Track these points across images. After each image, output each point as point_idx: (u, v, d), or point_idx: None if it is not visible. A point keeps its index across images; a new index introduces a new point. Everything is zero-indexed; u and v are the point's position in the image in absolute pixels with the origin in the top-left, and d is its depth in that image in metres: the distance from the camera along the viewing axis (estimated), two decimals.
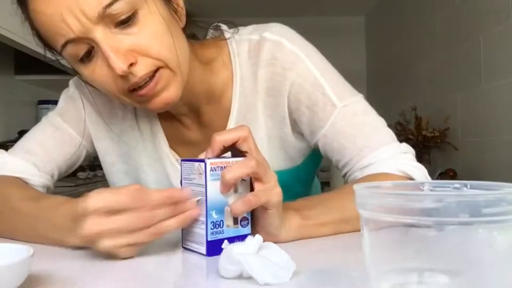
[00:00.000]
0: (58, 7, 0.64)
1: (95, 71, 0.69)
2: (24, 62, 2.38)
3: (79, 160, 0.92)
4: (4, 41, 1.83)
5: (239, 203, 0.57)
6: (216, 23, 0.86)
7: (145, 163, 0.89)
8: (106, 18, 0.65)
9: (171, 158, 0.86)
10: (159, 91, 0.69)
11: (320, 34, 4.10)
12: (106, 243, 0.55)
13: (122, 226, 0.55)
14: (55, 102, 2.88)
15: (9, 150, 0.86)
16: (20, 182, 0.80)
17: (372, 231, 0.42)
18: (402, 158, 0.77)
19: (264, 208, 0.60)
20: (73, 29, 0.65)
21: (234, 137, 0.61)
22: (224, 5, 4.10)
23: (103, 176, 0.95)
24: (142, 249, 0.58)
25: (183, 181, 0.62)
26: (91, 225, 0.55)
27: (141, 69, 0.67)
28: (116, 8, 0.64)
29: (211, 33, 0.86)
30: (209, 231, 0.58)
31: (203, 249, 0.59)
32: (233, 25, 0.86)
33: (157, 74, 0.68)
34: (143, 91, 0.69)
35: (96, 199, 0.55)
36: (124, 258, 0.57)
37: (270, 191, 0.59)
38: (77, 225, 0.56)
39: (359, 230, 0.43)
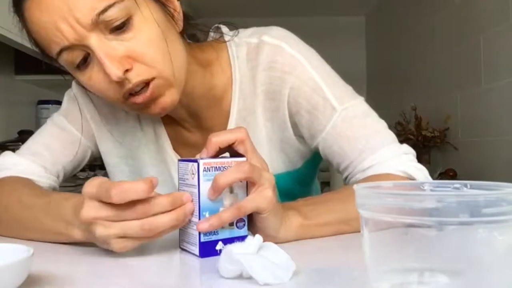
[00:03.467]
0: (51, 15, 0.64)
1: (92, 77, 0.69)
2: (24, 62, 2.38)
3: (84, 161, 0.92)
4: (4, 41, 1.83)
5: (227, 212, 0.57)
6: (216, 25, 0.85)
7: (149, 164, 0.89)
8: (100, 24, 0.64)
9: (174, 160, 0.86)
10: (155, 97, 0.70)
11: (320, 34, 4.11)
12: (99, 230, 0.55)
13: (113, 214, 0.54)
14: (55, 102, 2.86)
15: (17, 152, 0.87)
16: (30, 182, 0.81)
17: (372, 231, 0.42)
18: (403, 159, 0.77)
19: (257, 213, 0.60)
20: (67, 37, 0.65)
21: (230, 139, 0.61)
22: (223, 4, 4.10)
23: (104, 176, 0.95)
24: (137, 247, 0.57)
25: (179, 181, 0.62)
26: (87, 210, 0.55)
27: (136, 76, 0.67)
28: (110, 14, 0.64)
29: (211, 36, 0.85)
30: (202, 232, 0.58)
31: (196, 250, 0.58)
32: (233, 26, 0.85)
33: (152, 84, 0.68)
34: (139, 99, 0.69)
35: (90, 185, 0.55)
36: (119, 251, 0.56)
37: (259, 197, 0.58)
38: (79, 210, 0.56)
39: (360, 231, 0.43)
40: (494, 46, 2.46)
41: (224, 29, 0.85)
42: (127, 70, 0.66)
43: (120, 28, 0.66)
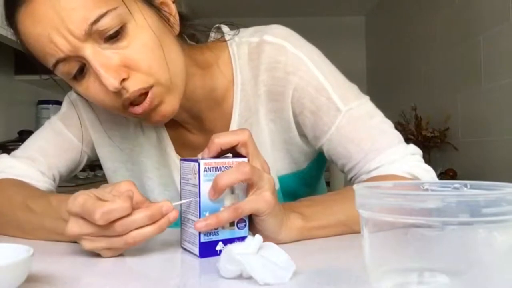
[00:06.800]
0: (44, 27, 0.63)
1: (89, 88, 0.68)
2: (24, 62, 2.38)
3: (80, 165, 0.92)
4: (4, 41, 1.83)
5: (225, 212, 0.57)
6: (217, 25, 0.84)
7: (150, 168, 0.88)
8: (93, 34, 0.63)
9: (177, 163, 0.85)
10: (155, 106, 0.69)
11: (320, 34, 4.10)
12: (86, 245, 0.57)
13: (97, 231, 0.56)
14: (55, 102, 2.85)
15: (12, 154, 0.87)
16: (26, 184, 0.81)
17: (372, 231, 0.42)
18: (410, 159, 0.76)
19: (256, 215, 0.60)
20: (62, 49, 0.64)
21: (232, 141, 0.60)
22: (224, 5, 4.10)
23: (103, 176, 0.95)
24: (124, 252, 0.59)
25: (181, 181, 0.62)
26: (72, 227, 0.57)
27: (133, 85, 0.66)
28: (103, 24, 0.63)
29: (212, 36, 0.84)
30: (201, 232, 0.58)
31: (196, 250, 0.58)
32: (234, 26, 0.84)
33: (150, 93, 0.67)
34: (139, 110, 0.68)
35: (74, 204, 0.56)
36: (107, 257, 0.58)
37: (257, 199, 0.58)
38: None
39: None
40: (494, 46, 2.46)
41: (225, 28, 0.83)
42: (123, 79, 0.65)
43: (114, 36, 0.65)
